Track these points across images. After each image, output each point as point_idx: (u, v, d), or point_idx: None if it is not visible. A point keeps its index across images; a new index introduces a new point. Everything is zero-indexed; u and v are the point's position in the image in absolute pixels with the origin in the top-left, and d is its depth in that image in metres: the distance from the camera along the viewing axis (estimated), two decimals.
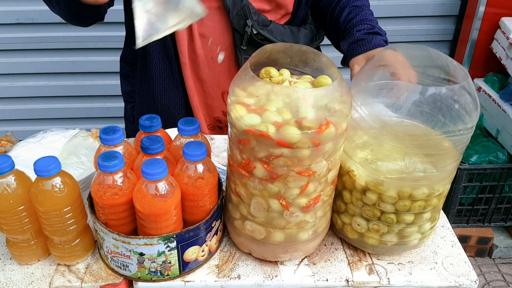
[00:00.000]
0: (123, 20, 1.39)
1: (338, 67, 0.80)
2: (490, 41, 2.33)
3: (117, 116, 2.48)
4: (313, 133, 0.70)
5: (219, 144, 1.23)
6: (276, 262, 0.87)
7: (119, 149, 0.82)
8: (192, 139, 0.86)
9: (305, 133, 0.70)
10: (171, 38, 1.18)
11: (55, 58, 2.37)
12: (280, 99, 0.72)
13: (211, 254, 0.87)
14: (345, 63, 1.14)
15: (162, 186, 0.74)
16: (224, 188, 0.90)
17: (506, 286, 2.22)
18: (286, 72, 0.82)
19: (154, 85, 1.24)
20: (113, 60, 2.31)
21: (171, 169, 0.81)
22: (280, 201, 0.77)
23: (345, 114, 0.74)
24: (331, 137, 0.72)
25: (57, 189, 0.76)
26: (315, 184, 0.77)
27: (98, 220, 0.79)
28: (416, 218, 0.83)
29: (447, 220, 0.99)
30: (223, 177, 0.95)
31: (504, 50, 2.20)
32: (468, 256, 2.34)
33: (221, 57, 1.17)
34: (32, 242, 0.83)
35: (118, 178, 0.75)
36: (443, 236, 0.95)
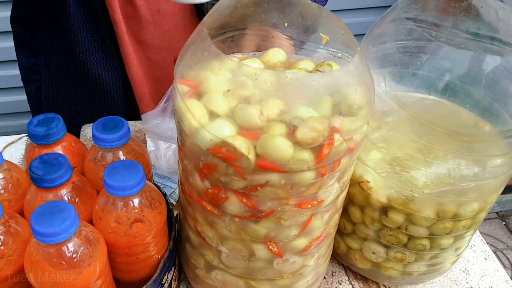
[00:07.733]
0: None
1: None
2: None
3: (23, 110, 1.90)
4: (316, 149, 0.42)
5: None
6: None
7: None
8: (119, 151, 0.55)
9: (303, 148, 0.41)
10: None
11: None
12: (260, 91, 0.42)
13: None
14: None
15: (71, 249, 0.43)
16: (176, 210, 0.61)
17: None
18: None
19: (75, 53, 0.87)
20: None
21: (89, 203, 0.51)
22: (269, 246, 0.49)
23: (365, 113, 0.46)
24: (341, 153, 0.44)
25: None
26: (320, 216, 0.49)
27: None
28: (455, 241, 0.59)
29: None
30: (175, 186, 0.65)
31: None
32: None
33: None
34: None
35: None
36: (471, 246, 0.72)
